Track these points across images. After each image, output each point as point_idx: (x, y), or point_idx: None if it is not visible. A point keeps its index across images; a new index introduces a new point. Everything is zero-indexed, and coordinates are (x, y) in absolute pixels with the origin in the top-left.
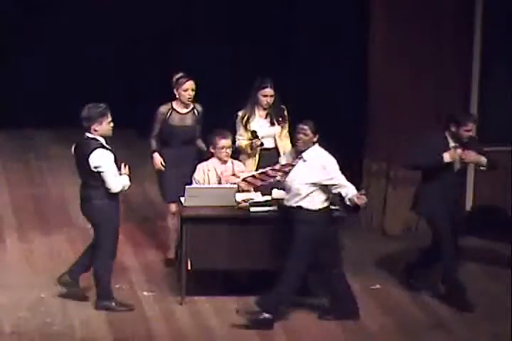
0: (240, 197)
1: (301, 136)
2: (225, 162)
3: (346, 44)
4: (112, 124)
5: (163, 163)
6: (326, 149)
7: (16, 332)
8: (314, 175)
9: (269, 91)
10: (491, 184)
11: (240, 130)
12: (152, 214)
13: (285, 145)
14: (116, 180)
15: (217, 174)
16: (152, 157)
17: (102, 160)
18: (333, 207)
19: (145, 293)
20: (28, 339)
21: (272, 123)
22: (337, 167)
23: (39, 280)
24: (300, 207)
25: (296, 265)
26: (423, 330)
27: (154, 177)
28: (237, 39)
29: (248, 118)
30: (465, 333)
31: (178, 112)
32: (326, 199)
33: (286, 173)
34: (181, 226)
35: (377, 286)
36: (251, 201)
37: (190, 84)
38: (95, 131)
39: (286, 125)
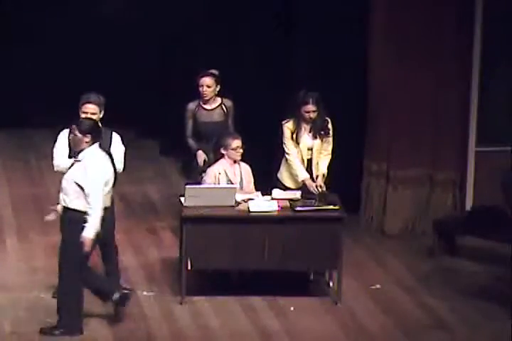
0: (239, 197)
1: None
2: (234, 163)
3: (346, 43)
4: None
5: (206, 159)
6: None
7: (16, 332)
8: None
9: (310, 107)
10: (491, 184)
11: (289, 144)
12: (152, 214)
13: (317, 159)
14: None
15: (227, 177)
16: (196, 155)
17: None
18: (332, 207)
19: (145, 293)
20: (28, 339)
21: (315, 137)
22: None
23: (38, 280)
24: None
25: (67, 267)
26: (423, 330)
27: (155, 177)
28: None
29: (297, 133)
30: (465, 333)
31: (204, 108)
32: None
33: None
34: (181, 226)
35: (377, 286)
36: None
37: (203, 81)
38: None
39: (330, 139)
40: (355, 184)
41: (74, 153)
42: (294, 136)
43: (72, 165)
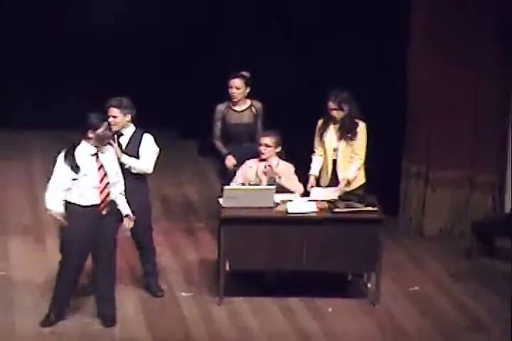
0: (278, 197)
1: None
2: (263, 160)
3: (386, 44)
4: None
5: (235, 162)
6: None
7: (55, 332)
8: None
9: (330, 104)
10: None
11: (316, 141)
12: (191, 215)
13: (344, 161)
14: None
15: (256, 172)
16: (224, 159)
17: None
18: (371, 209)
19: (183, 294)
20: (67, 339)
21: (340, 138)
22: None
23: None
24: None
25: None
26: (461, 332)
27: (194, 178)
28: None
29: (323, 131)
30: (503, 335)
31: (234, 110)
32: None
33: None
34: (219, 227)
35: (416, 288)
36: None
37: (232, 82)
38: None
39: (358, 142)
40: (394, 185)
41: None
42: (321, 133)
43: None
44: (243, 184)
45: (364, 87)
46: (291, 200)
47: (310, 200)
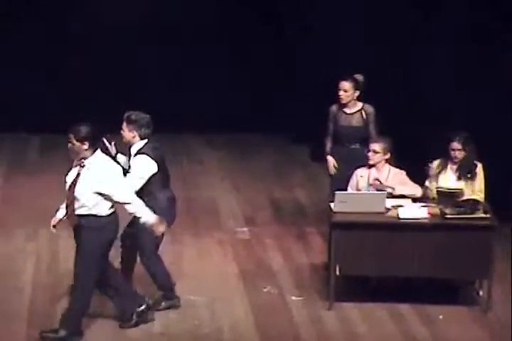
0: (389, 203)
1: None
2: (372, 166)
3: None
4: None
5: (335, 165)
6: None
7: (166, 333)
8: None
9: (455, 145)
10: None
11: (430, 180)
12: (301, 219)
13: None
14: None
15: (368, 181)
16: (326, 158)
17: None
18: (483, 215)
19: (293, 298)
20: None
21: (459, 178)
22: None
23: (189, 282)
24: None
25: (85, 275)
26: None
27: (305, 182)
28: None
29: (440, 171)
30: None
31: (344, 112)
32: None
33: None
34: (330, 232)
35: None
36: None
37: (341, 85)
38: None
39: (477, 182)
40: (507, 192)
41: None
42: (437, 172)
43: (77, 174)
44: None
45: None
46: (402, 206)
47: (422, 206)
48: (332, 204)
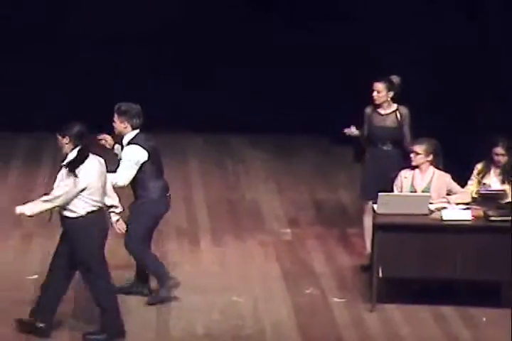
0: (432, 205)
1: None
2: (415, 167)
3: None
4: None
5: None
6: None
7: (209, 334)
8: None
9: (498, 150)
10: None
11: (472, 183)
12: (344, 220)
13: None
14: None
15: (412, 183)
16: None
17: None
18: (505, 218)
19: (335, 299)
20: None
21: (503, 182)
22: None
23: (231, 283)
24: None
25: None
26: None
27: (348, 184)
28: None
29: (484, 174)
30: None
31: (378, 113)
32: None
33: None
34: (373, 233)
35: None
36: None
37: (374, 85)
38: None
39: None
40: None
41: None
42: (481, 176)
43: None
44: None
45: None
46: (445, 208)
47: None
48: (375, 206)
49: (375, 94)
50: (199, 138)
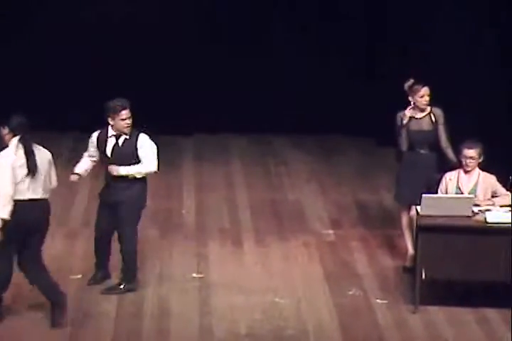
0: (476, 207)
1: None
2: (468, 172)
3: None
4: (127, 121)
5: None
6: None
7: (251, 334)
8: None
9: None
10: None
11: None
12: (386, 221)
13: None
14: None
15: (457, 184)
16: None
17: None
18: None
19: (378, 301)
20: None
21: None
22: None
23: (274, 284)
24: None
25: None
26: None
27: (390, 185)
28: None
29: None
30: None
31: (414, 118)
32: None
33: None
34: (417, 235)
35: None
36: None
37: (425, 90)
38: (110, 124)
39: None
40: None
41: None
42: None
43: None
44: None
45: None
46: (489, 210)
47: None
48: (419, 207)
49: (426, 98)
50: (242, 139)
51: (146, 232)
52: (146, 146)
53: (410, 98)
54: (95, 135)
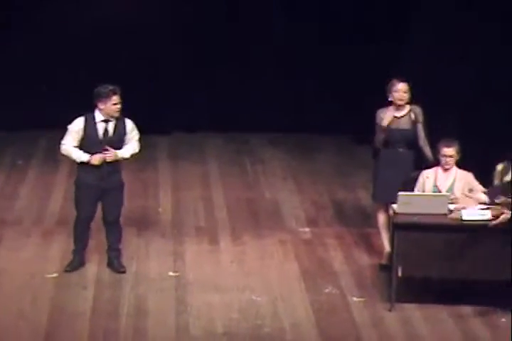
0: (452, 205)
1: None
2: (446, 170)
3: None
4: (118, 106)
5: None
6: None
7: (228, 332)
8: None
9: None
10: None
11: (495, 182)
12: (363, 219)
13: None
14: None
15: (435, 182)
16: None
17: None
18: None
19: (354, 299)
20: (240, 340)
21: None
22: None
23: (250, 282)
24: None
25: None
26: None
27: (367, 183)
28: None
29: (504, 174)
30: None
31: (394, 116)
32: None
33: None
34: (392, 233)
35: None
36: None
37: (402, 86)
38: (100, 109)
39: None
40: None
41: None
42: (502, 174)
43: None
44: None
45: None
46: (464, 208)
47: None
48: (394, 205)
49: (401, 94)
50: (219, 138)
51: (122, 230)
52: (134, 129)
53: (389, 94)
54: (80, 122)
